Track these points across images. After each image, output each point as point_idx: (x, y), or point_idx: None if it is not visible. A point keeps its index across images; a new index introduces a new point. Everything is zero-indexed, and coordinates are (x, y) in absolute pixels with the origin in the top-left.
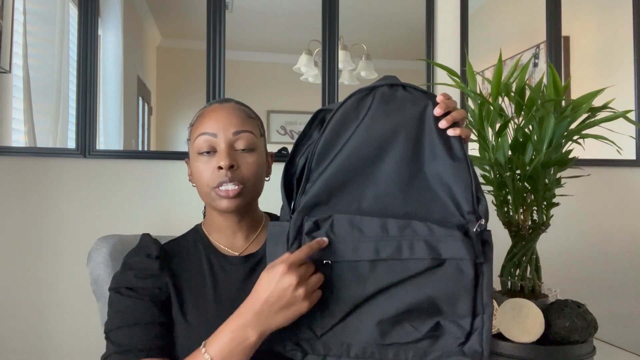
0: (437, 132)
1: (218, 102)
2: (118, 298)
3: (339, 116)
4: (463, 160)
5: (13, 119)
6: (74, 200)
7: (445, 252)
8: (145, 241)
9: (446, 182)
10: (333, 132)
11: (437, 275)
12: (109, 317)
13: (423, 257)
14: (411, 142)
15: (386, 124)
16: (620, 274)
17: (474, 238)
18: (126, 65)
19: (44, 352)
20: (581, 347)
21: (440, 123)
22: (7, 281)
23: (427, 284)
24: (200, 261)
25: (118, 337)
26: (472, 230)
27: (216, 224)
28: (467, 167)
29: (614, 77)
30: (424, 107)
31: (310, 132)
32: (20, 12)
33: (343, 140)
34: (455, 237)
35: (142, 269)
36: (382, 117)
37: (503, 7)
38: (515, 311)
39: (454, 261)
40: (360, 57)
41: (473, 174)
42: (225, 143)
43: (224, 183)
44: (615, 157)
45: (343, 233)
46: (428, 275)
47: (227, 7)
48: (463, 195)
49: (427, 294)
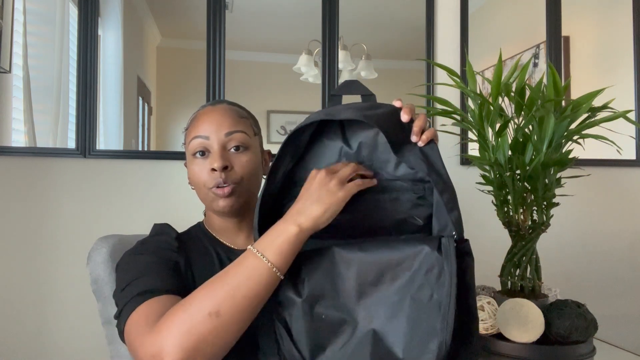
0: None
1: (210, 105)
2: (134, 258)
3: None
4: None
5: (13, 119)
6: (74, 200)
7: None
8: (161, 226)
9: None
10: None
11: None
12: (119, 279)
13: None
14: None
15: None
16: (620, 274)
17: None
18: (126, 65)
19: (44, 352)
20: (581, 347)
21: (412, 138)
22: (7, 281)
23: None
24: (208, 250)
25: (134, 288)
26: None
27: (217, 225)
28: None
29: (614, 77)
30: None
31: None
32: (20, 12)
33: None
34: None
35: (163, 241)
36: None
37: (503, 7)
38: (515, 311)
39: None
40: (360, 57)
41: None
42: (218, 145)
43: (219, 184)
44: (615, 157)
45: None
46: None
47: (227, 7)
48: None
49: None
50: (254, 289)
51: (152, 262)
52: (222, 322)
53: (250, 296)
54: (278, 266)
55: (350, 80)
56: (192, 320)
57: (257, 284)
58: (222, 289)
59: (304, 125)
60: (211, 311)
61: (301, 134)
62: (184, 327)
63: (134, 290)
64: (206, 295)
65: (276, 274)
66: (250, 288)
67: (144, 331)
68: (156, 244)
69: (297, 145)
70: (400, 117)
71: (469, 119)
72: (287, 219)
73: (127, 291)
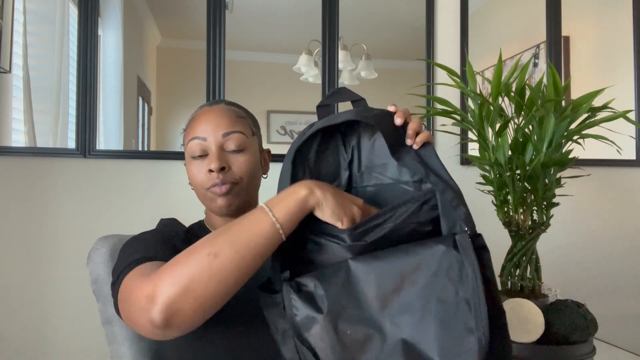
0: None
1: (208, 105)
2: (138, 239)
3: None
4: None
5: (13, 119)
6: (74, 200)
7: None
8: (169, 220)
9: None
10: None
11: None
12: (120, 256)
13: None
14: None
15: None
16: (620, 274)
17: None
18: (126, 65)
19: (44, 352)
20: (581, 347)
21: (407, 141)
22: (7, 281)
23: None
24: None
25: (133, 256)
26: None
27: (217, 225)
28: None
29: (614, 77)
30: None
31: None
32: (20, 12)
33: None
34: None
35: (171, 231)
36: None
37: (503, 7)
38: (515, 311)
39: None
40: (360, 57)
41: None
42: (215, 146)
43: (217, 185)
44: (615, 157)
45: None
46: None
47: (227, 7)
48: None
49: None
50: (254, 240)
51: (155, 239)
52: (219, 263)
53: (250, 246)
54: (282, 223)
55: (338, 88)
56: (190, 261)
57: (258, 236)
58: (224, 235)
59: (306, 138)
60: (210, 252)
61: (308, 149)
62: (182, 268)
63: (134, 257)
64: (208, 240)
65: (279, 231)
66: (252, 239)
67: (141, 280)
68: (163, 230)
69: (306, 159)
70: (394, 121)
71: (469, 119)
72: (302, 183)
73: (125, 260)
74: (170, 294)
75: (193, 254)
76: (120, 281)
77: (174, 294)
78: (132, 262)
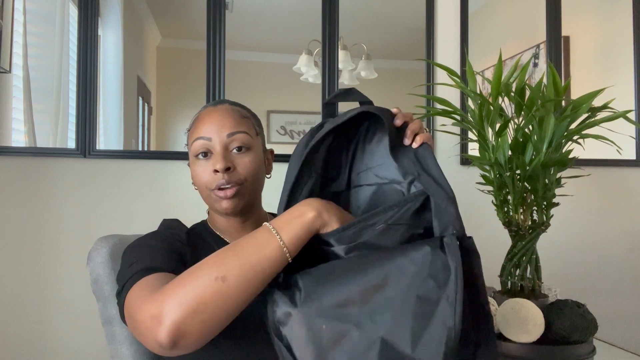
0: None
1: (212, 105)
2: (141, 243)
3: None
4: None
5: (13, 119)
6: (74, 200)
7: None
8: (171, 220)
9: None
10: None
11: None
12: (124, 261)
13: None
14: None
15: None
16: (620, 274)
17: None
18: (126, 65)
19: (44, 352)
20: (581, 347)
21: (405, 141)
22: (7, 281)
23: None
24: (213, 248)
25: (138, 265)
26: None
27: (221, 225)
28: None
29: (614, 77)
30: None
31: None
32: (20, 12)
33: None
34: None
35: (174, 233)
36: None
37: (503, 7)
38: (515, 311)
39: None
40: (360, 57)
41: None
42: (220, 146)
43: (222, 185)
44: (615, 157)
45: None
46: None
47: (227, 7)
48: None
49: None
50: (262, 263)
51: (159, 246)
52: (227, 287)
53: (258, 269)
54: (289, 246)
55: (348, 87)
56: (198, 282)
57: (266, 259)
58: (232, 257)
59: (320, 138)
60: (217, 276)
61: (316, 150)
62: (188, 289)
63: (139, 266)
64: (215, 261)
65: (286, 254)
66: (259, 262)
67: (146, 297)
68: (165, 233)
69: (312, 160)
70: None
71: (469, 119)
72: (309, 204)
73: (131, 268)
74: (176, 316)
75: (200, 276)
76: (126, 292)
77: (181, 317)
78: (137, 272)
